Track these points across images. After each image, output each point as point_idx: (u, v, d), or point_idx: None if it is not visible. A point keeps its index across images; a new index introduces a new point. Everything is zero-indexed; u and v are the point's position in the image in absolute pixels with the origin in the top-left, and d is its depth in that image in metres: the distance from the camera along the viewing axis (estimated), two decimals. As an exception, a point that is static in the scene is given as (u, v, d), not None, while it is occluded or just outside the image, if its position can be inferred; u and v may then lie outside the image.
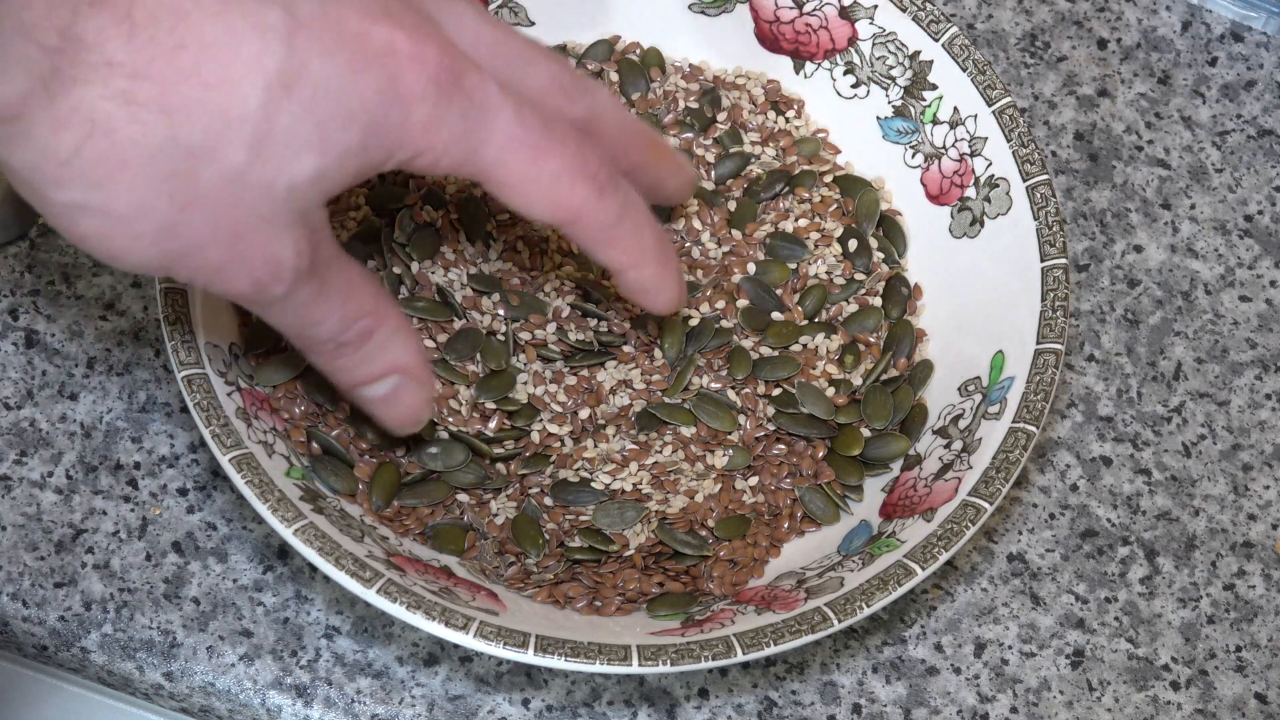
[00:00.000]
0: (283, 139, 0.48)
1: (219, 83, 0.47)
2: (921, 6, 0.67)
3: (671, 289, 0.58)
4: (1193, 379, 0.70)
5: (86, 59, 0.46)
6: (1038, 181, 0.65)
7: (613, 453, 0.63)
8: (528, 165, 0.52)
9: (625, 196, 0.55)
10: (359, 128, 0.49)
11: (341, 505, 0.59)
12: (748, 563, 0.62)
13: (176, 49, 0.47)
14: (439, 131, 0.50)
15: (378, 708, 0.61)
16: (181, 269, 0.50)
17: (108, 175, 0.47)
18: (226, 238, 0.49)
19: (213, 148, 0.48)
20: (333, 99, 0.49)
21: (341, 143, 0.49)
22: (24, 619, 0.62)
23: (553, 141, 0.52)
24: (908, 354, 0.65)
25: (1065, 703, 0.64)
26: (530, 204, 0.53)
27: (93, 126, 0.47)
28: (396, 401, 0.56)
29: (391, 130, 0.50)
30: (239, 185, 0.48)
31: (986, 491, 0.59)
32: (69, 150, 0.47)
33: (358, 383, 0.56)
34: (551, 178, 0.53)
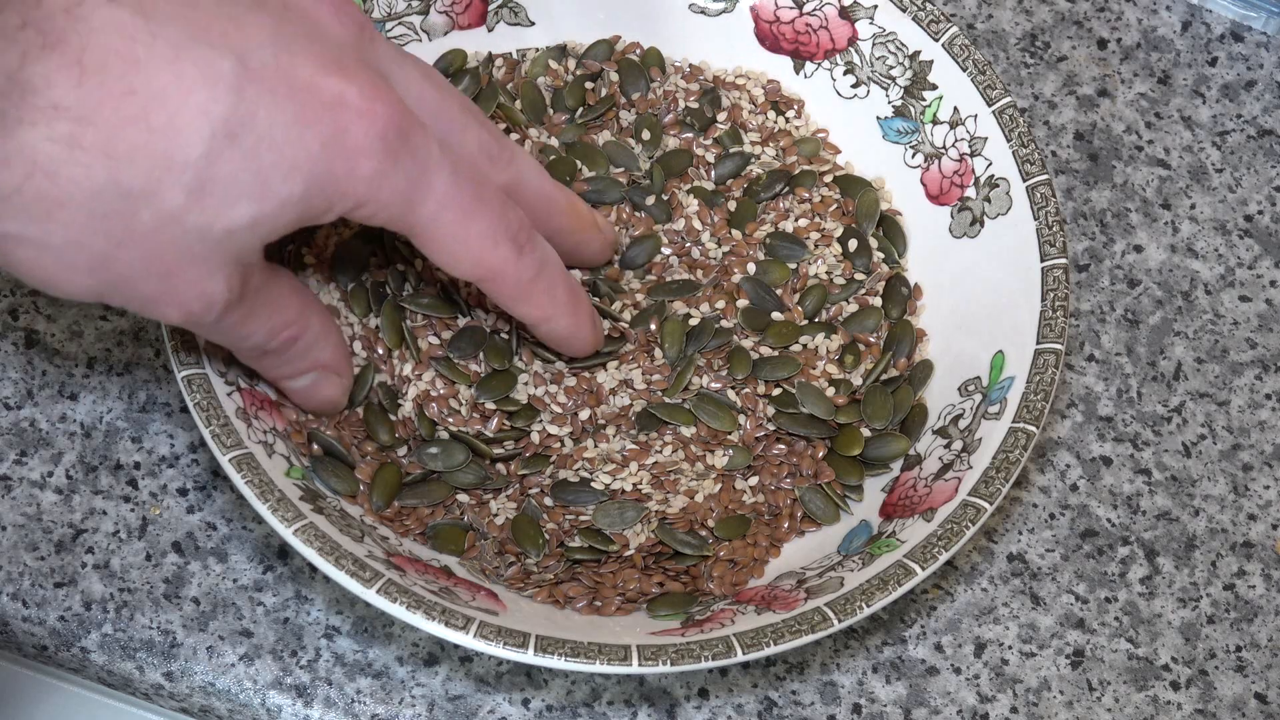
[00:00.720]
0: (222, 186, 0.49)
1: (164, 129, 0.48)
2: (921, 6, 0.67)
3: (584, 337, 0.61)
4: (1193, 379, 0.70)
5: (33, 102, 0.47)
6: (1038, 181, 0.65)
7: (613, 453, 0.63)
8: (457, 225, 0.54)
9: (542, 255, 0.57)
10: (301, 178, 0.51)
11: (341, 505, 0.59)
12: (748, 563, 0.62)
13: (125, 95, 0.48)
14: (382, 186, 0.52)
15: (378, 708, 0.61)
16: (114, 298, 0.52)
17: (46, 212, 0.48)
18: (159, 273, 0.51)
19: (152, 191, 0.49)
20: (277, 149, 0.50)
21: (281, 193, 0.50)
22: (24, 619, 0.62)
23: (481, 203, 0.55)
24: (908, 354, 0.65)
25: (1065, 703, 0.64)
26: (455, 261, 0.55)
27: (34, 167, 0.48)
28: (315, 393, 0.60)
29: (335, 182, 0.51)
30: (175, 227, 0.50)
31: (986, 491, 0.59)
32: (10, 188, 0.48)
33: (280, 379, 0.59)
34: (478, 238, 0.55)
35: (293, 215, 0.51)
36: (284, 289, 0.56)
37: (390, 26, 0.67)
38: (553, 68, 0.69)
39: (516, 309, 0.58)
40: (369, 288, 0.63)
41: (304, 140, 0.50)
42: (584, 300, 0.61)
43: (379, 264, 0.64)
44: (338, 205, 0.52)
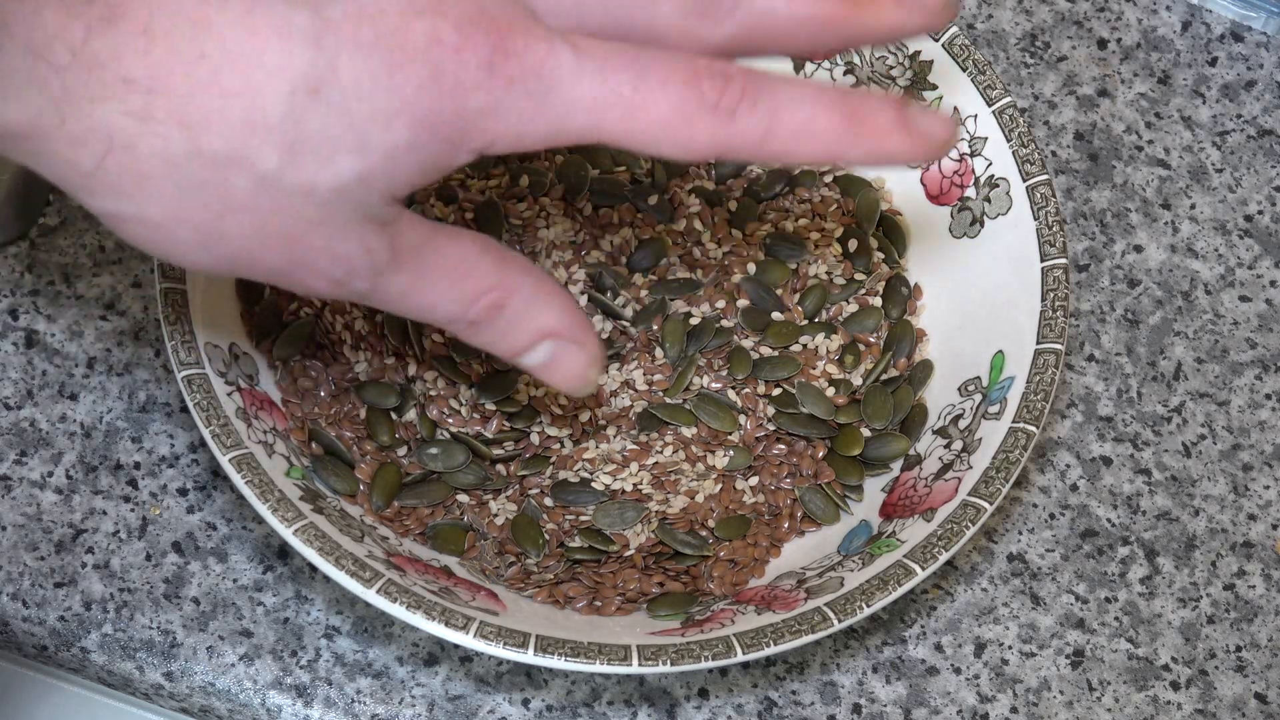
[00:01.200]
0: (314, 142, 0.47)
1: (240, 91, 0.46)
2: (921, 6, 0.67)
3: (903, 148, 0.50)
4: (1193, 379, 0.70)
5: (101, 77, 0.46)
6: (1038, 181, 0.65)
7: (613, 453, 0.63)
8: (629, 123, 0.49)
9: (771, 99, 0.49)
10: (404, 125, 0.47)
11: (341, 505, 0.59)
12: (748, 563, 0.62)
13: (197, 60, 0.46)
14: (505, 116, 0.48)
15: (378, 708, 0.61)
16: (247, 271, 0.49)
17: (135, 186, 0.47)
18: (278, 241, 0.48)
19: (240, 155, 0.47)
20: (368, 99, 0.47)
21: (385, 142, 0.47)
22: (24, 619, 0.62)
23: (649, 90, 0.48)
24: (908, 354, 0.65)
25: (1065, 703, 0.64)
26: (662, 153, 0.49)
27: (110, 143, 0.46)
28: (557, 368, 0.53)
29: (446, 123, 0.48)
30: (276, 191, 0.47)
31: (986, 491, 0.59)
32: (90, 165, 0.46)
33: (508, 354, 0.53)
34: (663, 127, 0.49)
35: (410, 163, 0.48)
36: (467, 249, 0.51)
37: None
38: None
39: (784, 163, 0.52)
40: None
41: (396, 86, 0.47)
42: (876, 112, 0.50)
43: None
44: (466, 143, 0.48)
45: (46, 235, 0.68)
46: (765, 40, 0.51)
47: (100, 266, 0.67)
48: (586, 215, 0.66)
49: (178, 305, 0.59)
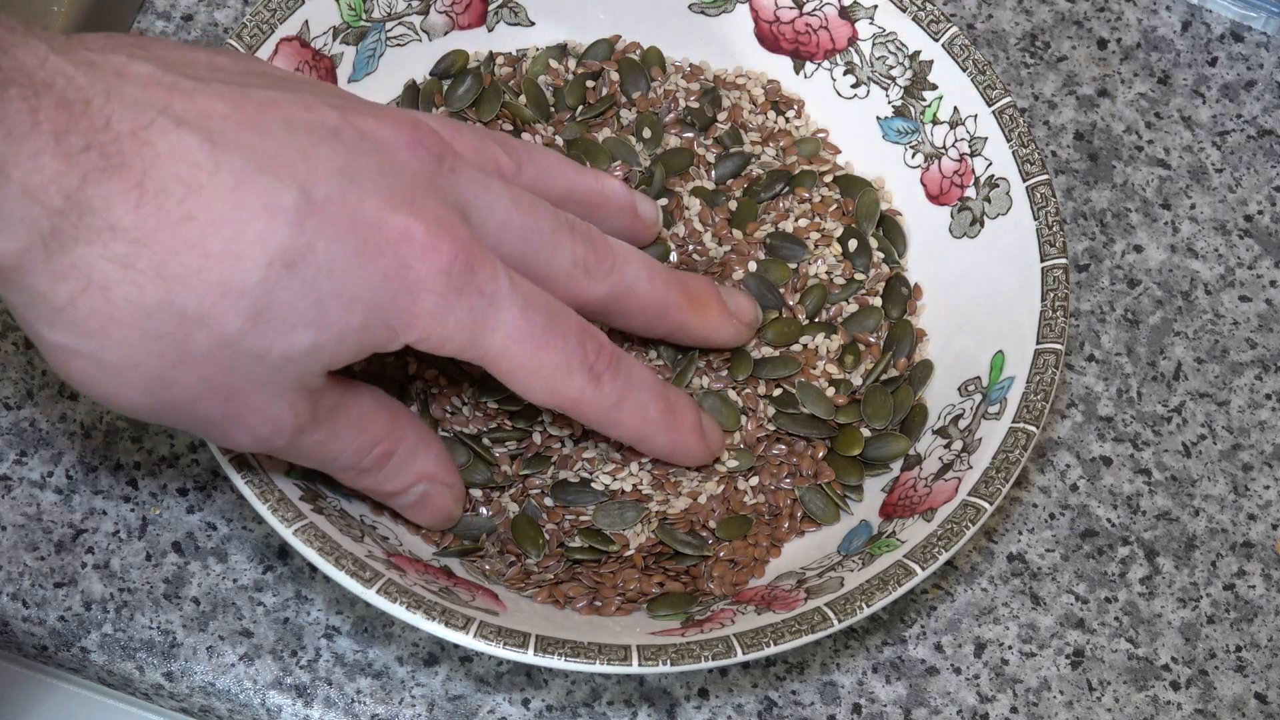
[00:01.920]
0: (280, 313, 0.50)
1: (220, 255, 0.49)
2: (921, 6, 0.67)
3: (689, 451, 0.61)
4: (1193, 379, 0.70)
5: (91, 222, 0.48)
6: (1038, 181, 0.65)
7: (613, 452, 0.63)
8: (528, 358, 0.54)
9: (626, 378, 0.57)
10: (361, 310, 0.51)
11: (341, 505, 0.59)
12: (748, 563, 0.62)
13: (183, 220, 0.48)
14: (445, 320, 0.52)
15: (378, 708, 0.61)
16: (176, 419, 0.52)
17: (100, 327, 0.49)
18: (219, 396, 0.51)
19: (208, 315, 0.49)
20: (336, 280, 0.50)
21: (341, 322, 0.51)
22: (24, 619, 0.62)
23: (553, 336, 0.55)
24: (908, 354, 0.65)
25: (1065, 703, 0.64)
26: (529, 391, 0.55)
27: (89, 283, 0.48)
28: (426, 506, 0.59)
29: (397, 315, 0.52)
30: (232, 351, 0.50)
31: (986, 491, 0.59)
32: (63, 300, 0.48)
33: (386, 496, 0.59)
34: (551, 370, 0.55)
35: (354, 344, 0.52)
36: (366, 406, 0.56)
37: (390, 26, 0.67)
38: (553, 67, 0.69)
39: (607, 433, 0.59)
40: None
41: (365, 273, 0.51)
42: (684, 413, 0.60)
43: None
44: (401, 336, 0.52)
45: (46, 235, 0.67)
46: (623, 309, 0.59)
47: (100, 266, 0.67)
48: None
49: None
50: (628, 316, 0.60)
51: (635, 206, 0.63)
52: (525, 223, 0.56)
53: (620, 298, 0.59)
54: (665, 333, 0.61)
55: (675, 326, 0.61)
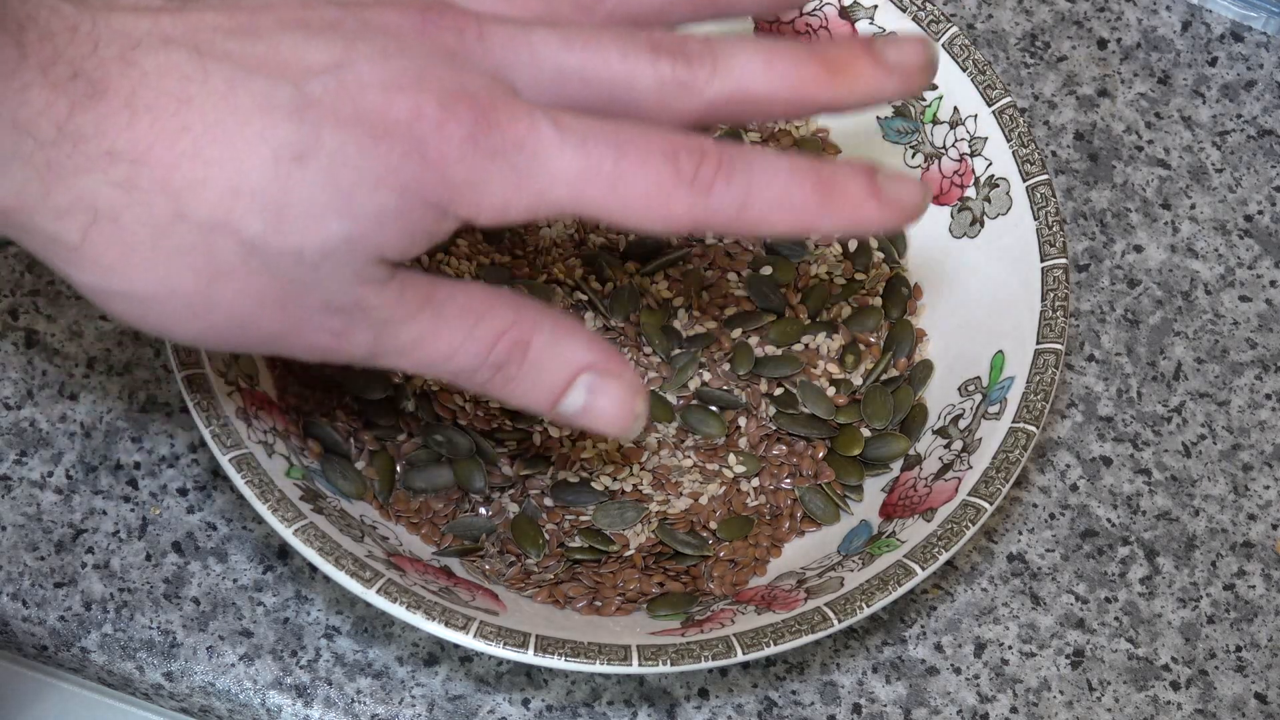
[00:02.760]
0: (301, 207, 0.47)
1: (222, 160, 0.47)
2: (921, 6, 0.67)
3: (872, 218, 0.50)
4: (1193, 379, 0.70)
5: (85, 150, 0.46)
6: (1038, 181, 0.65)
7: (611, 452, 0.63)
8: (610, 196, 0.49)
9: (747, 173, 0.49)
10: (391, 191, 0.48)
11: (341, 505, 0.59)
12: (748, 563, 0.62)
13: (179, 132, 0.47)
14: (487, 188, 0.48)
15: (378, 708, 0.61)
16: (246, 343, 0.50)
17: (121, 259, 0.47)
18: (273, 306, 0.48)
19: (223, 220, 0.47)
20: (352, 167, 0.47)
21: (372, 206, 0.48)
22: (24, 619, 0.62)
23: (629, 164, 0.49)
24: (908, 354, 0.65)
25: (1065, 703, 0.64)
26: (641, 226, 0.49)
27: (95, 214, 0.47)
28: (600, 406, 0.51)
29: (430, 190, 0.48)
30: (263, 255, 0.48)
31: (986, 491, 0.59)
32: (75, 238, 0.47)
33: (545, 400, 0.51)
34: (644, 200, 0.49)
35: (400, 229, 0.48)
36: (476, 292, 0.50)
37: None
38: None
39: (762, 236, 0.52)
40: None
41: (381, 154, 0.48)
42: (847, 181, 0.50)
43: None
44: (451, 211, 0.48)
45: (46, 235, 0.67)
46: (742, 109, 0.51)
47: (100, 266, 0.67)
48: None
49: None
50: (757, 116, 0.52)
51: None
52: (585, 62, 0.50)
53: (735, 101, 0.51)
54: (816, 111, 0.52)
55: (826, 103, 0.51)
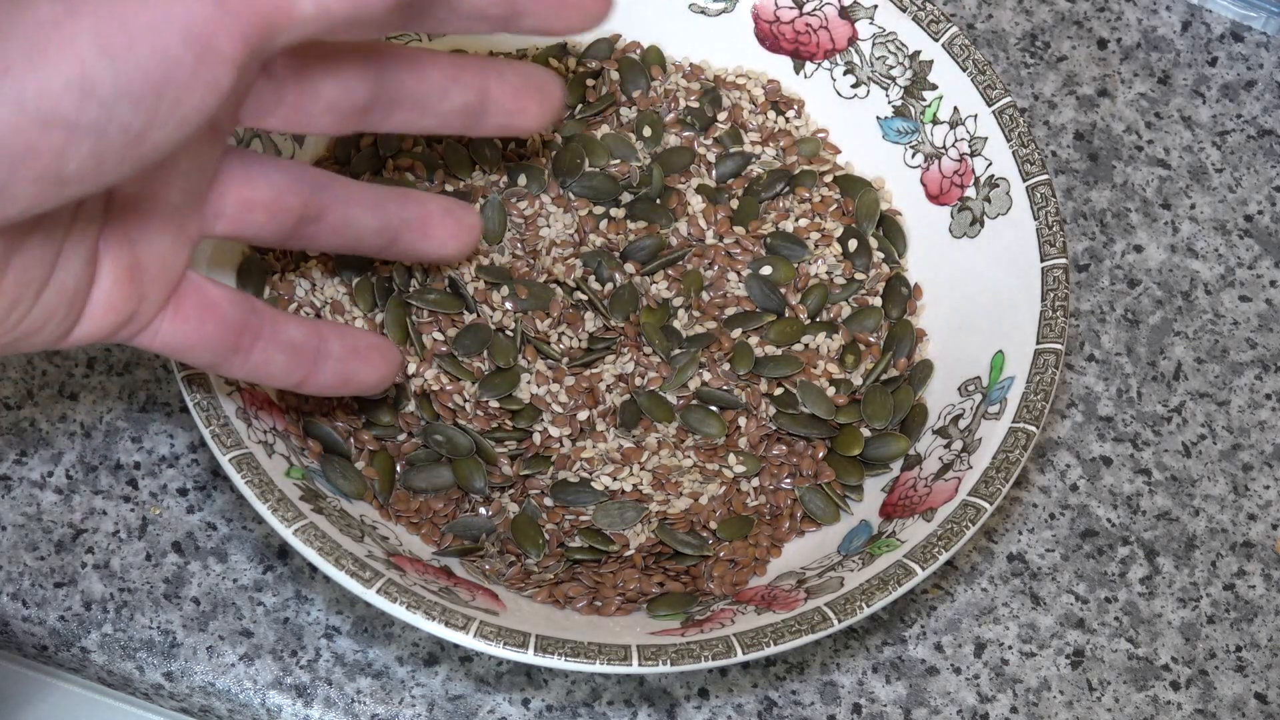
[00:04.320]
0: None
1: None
2: (921, 6, 0.67)
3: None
4: (1193, 379, 0.70)
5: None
6: (1038, 181, 0.65)
7: (611, 452, 0.63)
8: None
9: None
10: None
11: (341, 505, 0.59)
12: (748, 563, 0.62)
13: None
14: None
15: (378, 708, 0.61)
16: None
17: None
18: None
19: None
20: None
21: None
22: (24, 619, 0.62)
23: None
24: (908, 354, 0.65)
25: (1065, 703, 0.64)
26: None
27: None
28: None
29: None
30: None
31: (986, 491, 0.59)
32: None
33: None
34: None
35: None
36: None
37: (390, 26, 0.67)
38: (553, 65, 0.69)
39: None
40: (374, 283, 0.63)
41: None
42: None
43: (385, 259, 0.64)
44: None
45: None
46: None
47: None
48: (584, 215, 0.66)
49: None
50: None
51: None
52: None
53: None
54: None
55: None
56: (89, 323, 0.51)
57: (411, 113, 0.55)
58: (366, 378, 0.58)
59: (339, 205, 0.56)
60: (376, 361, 0.58)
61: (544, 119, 0.58)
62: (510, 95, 0.57)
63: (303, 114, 0.52)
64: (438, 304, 0.63)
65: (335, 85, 0.53)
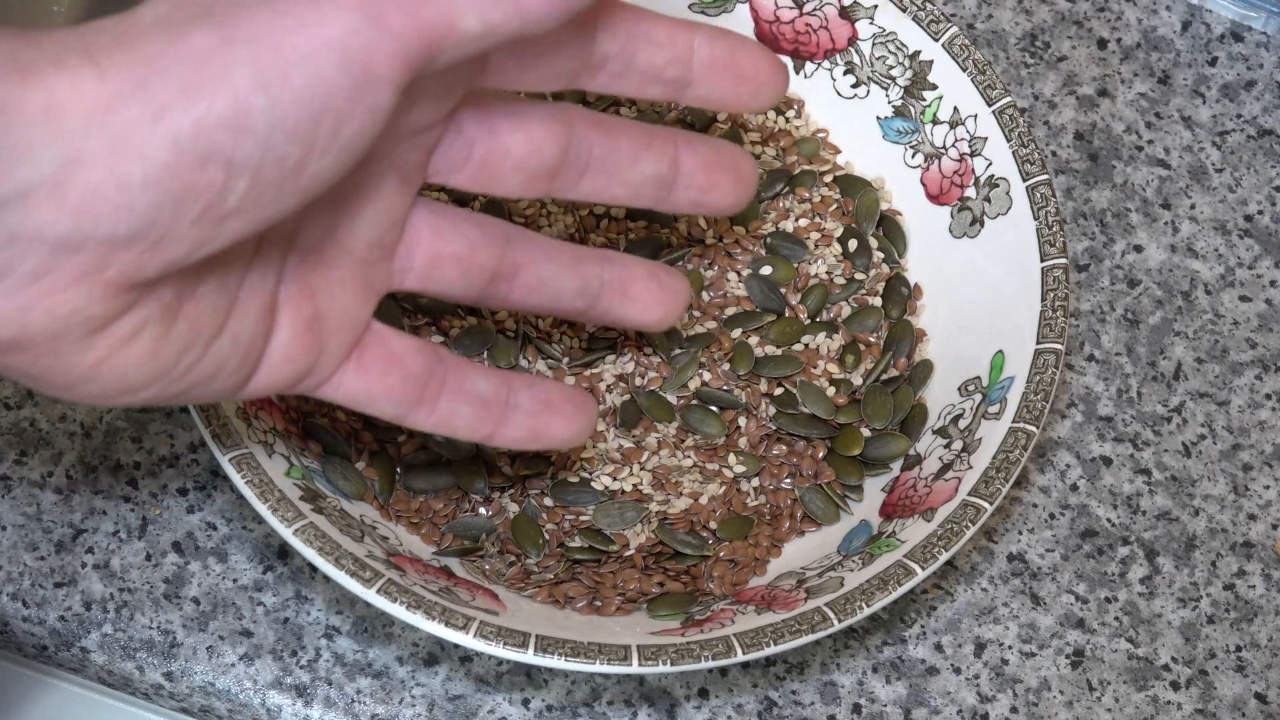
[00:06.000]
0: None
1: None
2: (921, 6, 0.67)
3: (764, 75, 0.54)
4: (1193, 379, 0.70)
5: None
6: (1038, 181, 0.65)
7: (611, 452, 0.63)
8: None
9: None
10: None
11: (341, 505, 0.59)
12: (748, 562, 0.62)
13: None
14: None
15: (378, 708, 0.61)
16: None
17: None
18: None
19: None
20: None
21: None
22: (24, 619, 0.62)
23: None
24: (908, 354, 0.65)
25: (1065, 703, 0.64)
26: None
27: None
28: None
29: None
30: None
31: (986, 491, 0.59)
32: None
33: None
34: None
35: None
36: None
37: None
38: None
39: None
40: None
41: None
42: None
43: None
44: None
45: (46, 235, 0.67)
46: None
47: (100, 266, 0.67)
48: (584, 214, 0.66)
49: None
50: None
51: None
52: None
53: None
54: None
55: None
56: (266, 374, 0.50)
57: (600, 179, 0.54)
58: (559, 432, 0.56)
59: (534, 263, 0.54)
60: (570, 415, 0.56)
61: (738, 200, 0.57)
62: (702, 170, 0.55)
63: (491, 172, 0.51)
64: (431, 306, 0.63)
65: (525, 143, 0.51)
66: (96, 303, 0.44)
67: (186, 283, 0.46)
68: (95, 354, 0.45)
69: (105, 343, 0.45)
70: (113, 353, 0.45)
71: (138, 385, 0.47)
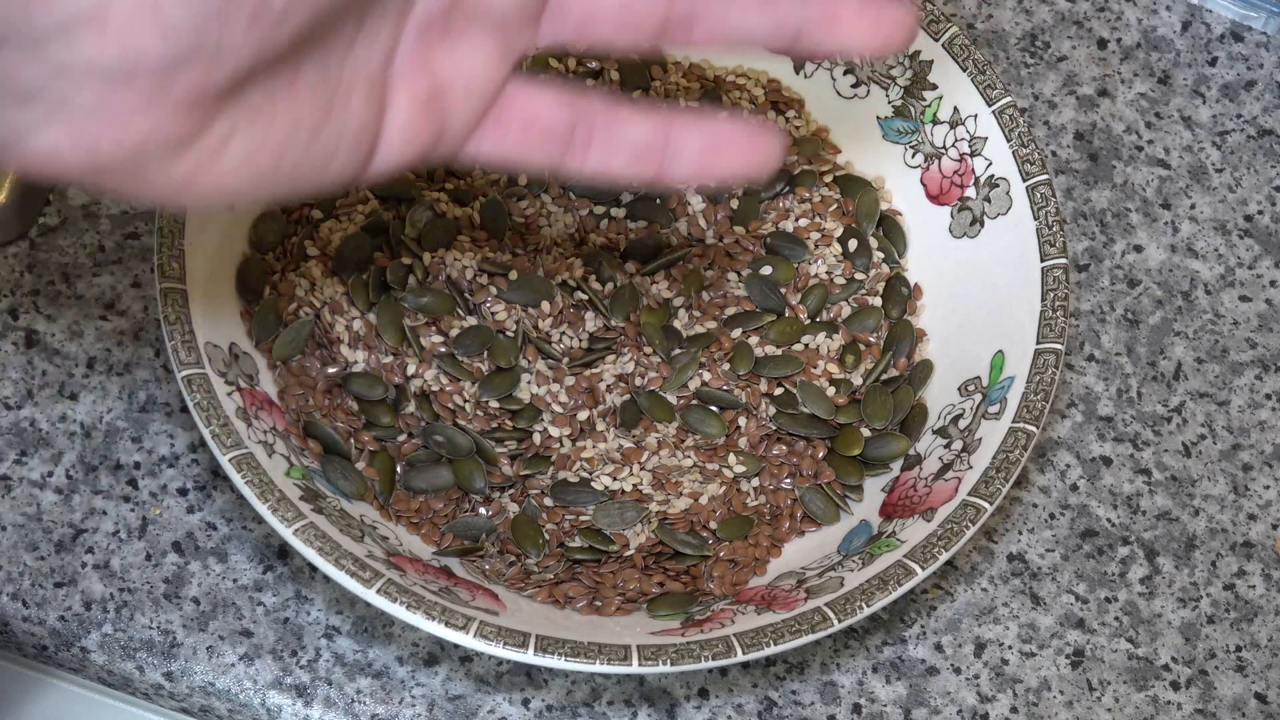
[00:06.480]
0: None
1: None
2: (921, 6, 0.67)
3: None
4: (1193, 379, 0.70)
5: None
6: (1038, 181, 0.65)
7: (611, 452, 0.63)
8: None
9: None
10: None
11: (341, 505, 0.59)
12: (748, 562, 0.62)
13: None
14: None
15: (378, 708, 0.61)
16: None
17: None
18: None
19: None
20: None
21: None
22: (24, 619, 0.62)
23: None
24: (908, 354, 0.65)
25: (1065, 703, 0.64)
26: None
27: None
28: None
29: None
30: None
31: (986, 491, 0.59)
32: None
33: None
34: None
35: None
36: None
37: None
38: (553, 65, 0.69)
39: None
40: (368, 281, 0.63)
41: None
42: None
43: (385, 257, 0.64)
44: None
45: (46, 235, 0.68)
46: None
47: (100, 266, 0.67)
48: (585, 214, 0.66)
49: (178, 305, 0.59)
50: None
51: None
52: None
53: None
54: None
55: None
56: (385, 154, 0.47)
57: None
58: (733, 167, 0.50)
59: (717, 2, 0.49)
60: (745, 148, 0.50)
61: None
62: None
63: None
64: (430, 308, 0.63)
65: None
66: (168, 125, 0.43)
67: (279, 80, 0.44)
68: (184, 169, 0.43)
69: (193, 158, 0.43)
70: (204, 166, 0.44)
71: (238, 191, 0.45)
